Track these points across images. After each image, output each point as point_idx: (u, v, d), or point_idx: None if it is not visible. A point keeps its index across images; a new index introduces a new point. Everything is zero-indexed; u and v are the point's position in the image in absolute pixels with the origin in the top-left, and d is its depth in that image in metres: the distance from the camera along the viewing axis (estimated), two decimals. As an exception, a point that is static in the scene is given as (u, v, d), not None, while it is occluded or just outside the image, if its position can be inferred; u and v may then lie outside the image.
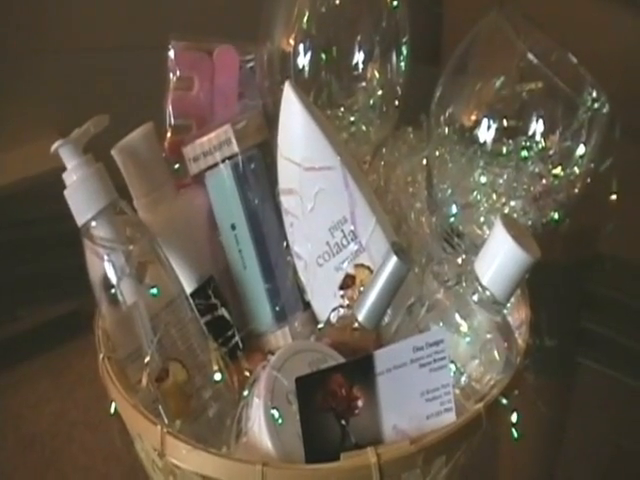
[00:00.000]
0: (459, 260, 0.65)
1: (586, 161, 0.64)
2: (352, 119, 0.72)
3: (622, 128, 0.65)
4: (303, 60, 0.70)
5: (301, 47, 0.70)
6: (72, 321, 0.91)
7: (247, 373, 0.65)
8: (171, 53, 0.71)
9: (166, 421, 0.61)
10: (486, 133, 0.64)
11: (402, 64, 0.72)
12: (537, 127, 0.63)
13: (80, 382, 0.86)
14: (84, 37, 1.32)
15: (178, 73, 0.71)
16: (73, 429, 0.83)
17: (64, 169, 0.62)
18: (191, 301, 0.67)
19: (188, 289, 0.68)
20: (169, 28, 0.72)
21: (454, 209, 0.65)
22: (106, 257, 0.62)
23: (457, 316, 0.61)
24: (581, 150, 0.64)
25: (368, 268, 0.67)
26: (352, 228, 0.67)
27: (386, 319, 0.65)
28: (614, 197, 0.67)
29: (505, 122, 0.64)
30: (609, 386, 0.86)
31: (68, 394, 0.86)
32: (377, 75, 0.71)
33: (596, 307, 0.91)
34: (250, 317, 0.70)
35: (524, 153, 0.64)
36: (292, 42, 0.70)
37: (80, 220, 0.62)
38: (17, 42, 1.28)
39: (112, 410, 0.63)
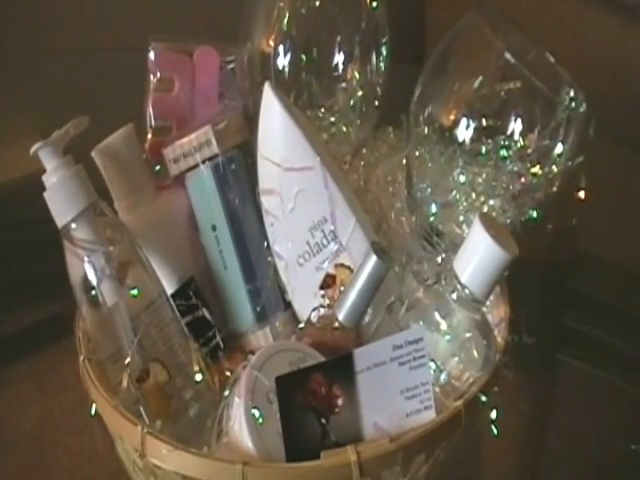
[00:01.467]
0: (439, 259, 0.66)
1: (564, 160, 0.64)
2: (332, 119, 0.72)
3: (599, 127, 0.66)
4: (283, 61, 0.71)
5: (281, 48, 0.71)
6: (55, 324, 0.91)
7: (228, 373, 0.65)
8: (151, 54, 0.71)
9: (147, 422, 0.61)
10: (465, 132, 0.64)
11: (382, 64, 0.73)
12: (515, 126, 0.64)
13: (64, 385, 0.86)
14: (63, 39, 1.32)
15: (158, 74, 0.71)
16: (57, 432, 0.83)
17: (44, 172, 0.62)
18: (172, 302, 0.67)
19: (169, 290, 0.68)
20: (149, 29, 0.72)
21: (434, 208, 0.66)
22: (86, 259, 0.62)
23: (437, 314, 0.62)
24: (559, 149, 0.64)
25: (348, 268, 0.67)
26: (332, 228, 0.67)
27: (366, 318, 0.65)
28: (582, 194, 0.67)
29: (484, 121, 0.64)
30: (590, 383, 0.86)
31: (52, 397, 0.86)
32: (357, 76, 0.72)
33: (577, 305, 0.92)
34: (231, 317, 0.70)
35: (503, 152, 0.64)
36: (272, 43, 0.71)
37: (60, 222, 0.62)
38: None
39: (93, 411, 0.63)
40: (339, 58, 0.71)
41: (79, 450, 0.81)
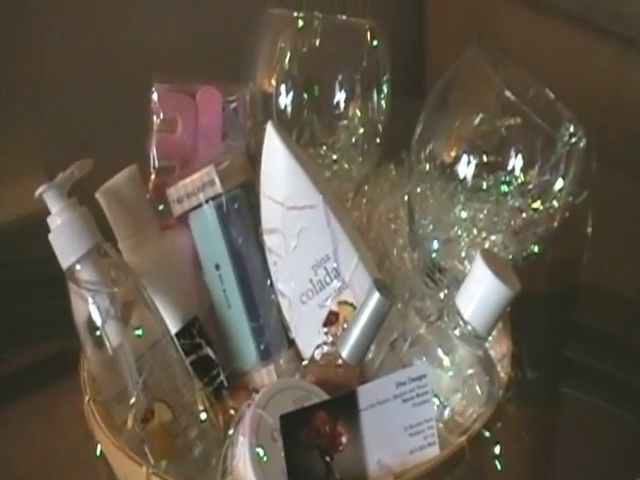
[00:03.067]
0: (441, 295, 0.66)
1: (565, 194, 0.65)
2: (334, 157, 0.73)
3: (600, 160, 0.66)
4: (285, 100, 0.71)
5: (283, 87, 0.71)
6: (59, 362, 0.91)
7: (232, 411, 0.66)
8: (154, 96, 0.71)
9: (152, 461, 0.61)
10: (466, 169, 0.64)
11: (383, 102, 0.73)
12: (516, 162, 0.64)
13: (68, 422, 0.86)
14: (67, 78, 1.33)
15: (162, 115, 0.71)
16: (61, 471, 0.83)
17: (49, 211, 0.63)
18: (176, 341, 0.67)
19: (173, 329, 0.68)
20: (152, 69, 0.73)
21: (436, 244, 0.66)
22: (91, 300, 0.62)
23: (439, 351, 0.62)
24: (559, 184, 0.64)
25: (351, 305, 0.67)
26: (335, 265, 0.67)
27: (369, 355, 0.65)
28: (589, 230, 0.68)
29: (485, 157, 0.64)
30: (594, 415, 0.86)
31: (56, 435, 0.86)
32: (358, 113, 0.72)
33: (579, 336, 0.92)
34: (235, 356, 0.70)
35: (504, 188, 0.64)
36: (274, 82, 0.71)
37: (64, 263, 0.62)
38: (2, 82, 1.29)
39: (98, 452, 0.63)
40: (340, 96, 0.72)
41: (85, 487, 0.81)
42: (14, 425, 0.87)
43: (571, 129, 0.64)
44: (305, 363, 0.67)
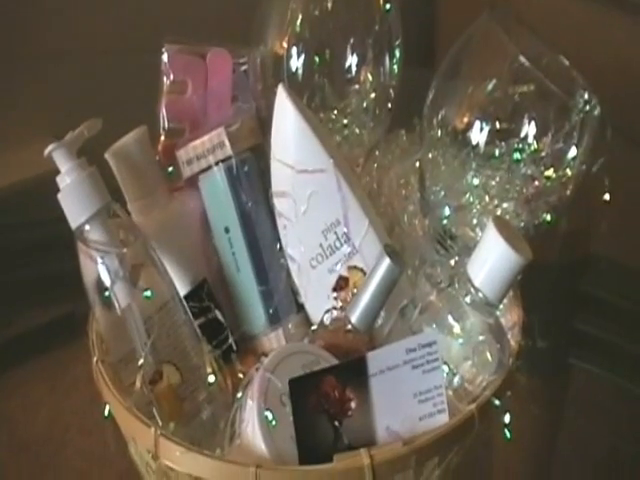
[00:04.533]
0: (452, 262, 0.66)
1: (578, 163, 0.64)
2: (345, 122, 0.72)
3: (614, 129, 0.66)
4: (296, 63, 0.71)
5: (294, 50, 0.71)
6: (67, 324, 0.91)
7: (241, 375, 0.66)
8: (164, 57, 0.71)
9: (160, 423, 0.61)
10: (478, 135, 0.64)
11: (395, 67, 0.73)
12: (529, 129, 0.63)
13: (75, 386, 0.86)
14: (78, 41, 1.33)
15: (172, 77, 0.71)
16: (68, 433, 0.83)
17: (58, 172, 0.62)
18: (185, 304, 0.67)
19: (182, 292, 0.68)
20: (162, 32, 0.72)
21: (447, 211, 0.66)
22: (100, 260, 0.62)
23: (450, 318, 0.62)
24: (573, 152, 0.64)
25: (361, 270, 0.67)
26: (345, 230, 0.67)
27: (379, 321, 0.65)
28: (607, 196, 0.67)
29: (497, 124, 0.64)
30: (603, 387, 0.86)
31: (63, 398, 0.86)
32: (370, 78, 0.72)
33: (590, 308, 0.92)
34: (243, 319, 0.70)
35: (516, 155, 0.64)
36: (285, 45, 0.71)
37: (74, 223, 0.62)
38: (9, 46, 1.28)
39: (106, 413, 0.63)
40: (352, 60, 0.71)
41: (90, 450, 0.81)
42: (20, 389, 0.87)
43: (585, 96, 0.63)
44: (314, 328, 0.67)
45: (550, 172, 0.64)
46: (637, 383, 0.85)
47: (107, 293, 0.62)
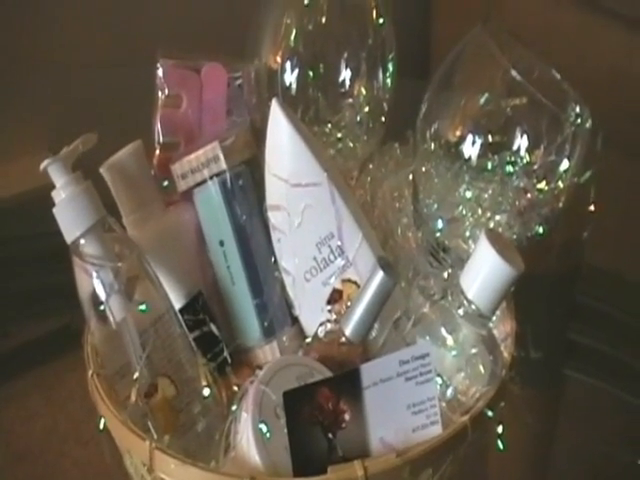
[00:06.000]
0: (445, 274, 0.66)
1: (570, 175, 0.65)
2: (339, 135, 0.72)
3: (605, 141, 0.66)
4: (290, 77, 0.71)
5: (288, 64, 0.71)
6: (63, 336, 0.91)
7: (235, 388, 0.66)
8: (159, 71, 0.71)
9: (155, 436, 0.61)
10: (471, 148, 0.64)
11: (388, 80, 0.73)
12: (521, 142, 0.64)
13: (71, 397, 0.86)
14: (73, 54, 1.33)
15: (166, 91, 0.71)
16: (64, 444, 0.83)
17: (54, 186, 0.63)
18: (180, 317, 0.67)
19: (177, 305, 0.68)
20: (157, 46, 0.73)
21: (440, 224, 0.66)
22: (95, 274, 0.62)
23: (443, 330, 0.62)
24: (565, 164, 0.64)
25: (355, 283, 0.67)
26: (339, 243, 0.67)
27: (373, 333, 0.65)
28: (592, 207, 0.68)
29: (490, 137, 0.64)
30: (597, 397, 0.86)
31: (59, 409, 0.86)
32: (364, 91, 0.72)
33: (583, 318, 0.92)
34: (238, 332, 0.70)
35: (509, 168, 0.64)
36: (279, 59, 0.71)
37: (69, 238, 0.62)
38: (7, 58, 1.28)
39: (101, 426, 0.63)
40: (346, 74, 0.71)
41: (86, 461, 0.81)
42: (17, 400, 0.87)
43: (577, 109, 0.64)
44: (308, 340, 0.67)
45: (542, 184, 0.64)
46: (631, 393, 0.85)
47: (102, 307, 0.62)
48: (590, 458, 0.80)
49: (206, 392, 0.65)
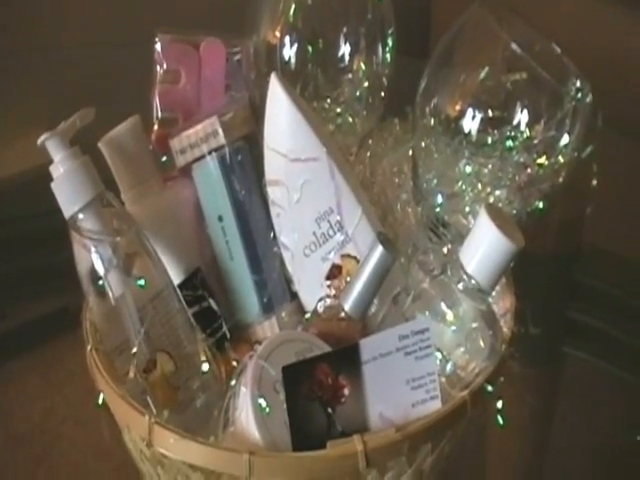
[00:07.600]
0: (444, 250, 0.66)
1: (570, 150, 0.64)
2: (338, 111, 0.72)
3: (606, 119, 0.66)
4: (289, 52, 0.71)
5: (287, 39, 0.71)
6: (61, 317, 0.91)
7: (234, 363, 0.66)
8: (158, 46, 0.71)
9: (154, 411, 0.61)
10: (471, 123, 0.64)
11: (388, 56, 0.73)
12: (521, 117, 0.64)
13: (70, 378, 0.86)
14: (72, 33, 1.33)
15: (165, 66, 0.71)
16: (63, 425, 0.83)
17: (51, 164, 0.62)
18: (178, 292, 0.67)
19: (175, 280, 0.68)
20: (156, 22, 0.72)
21: (439, 199, 0.66)
22: (93, 249, 0.62)
23: (443, 305, 0.62)
24: (565, 139, 0.64)
25: (354, 258, 0.67)
26: (338, 219, 0.67)
27: (372, 309, 0.65)
28: (595, 182, 0.67)
29: (490, 112, 0.64)
30: (595, 376, 0.86)
31: (58, 390, 0.86)
32: (363, 67, 0.72)
33: (582, 297, 0.92)
34: (237, 308, 0.70)
35: (509, 143, 0.64)
36: (278, 34, 0.71)
37: (67, 212, 0.62)
38: (5, 38, 1.28)
39: (100, 401, 0.63)
40: (345, 49, 0.71)
41: (85, 442, 0.81)
42: (15, 381, 0.87)
43: (578, 84, 0.63)
44: (307, 316, 0.67)
45: (542, 160, 0.64)
46: (631, 371, 0.85)
47: (101, 282, 0.62)
48: (589, 435, 0.80)
49: (205, 367, 0.65)
